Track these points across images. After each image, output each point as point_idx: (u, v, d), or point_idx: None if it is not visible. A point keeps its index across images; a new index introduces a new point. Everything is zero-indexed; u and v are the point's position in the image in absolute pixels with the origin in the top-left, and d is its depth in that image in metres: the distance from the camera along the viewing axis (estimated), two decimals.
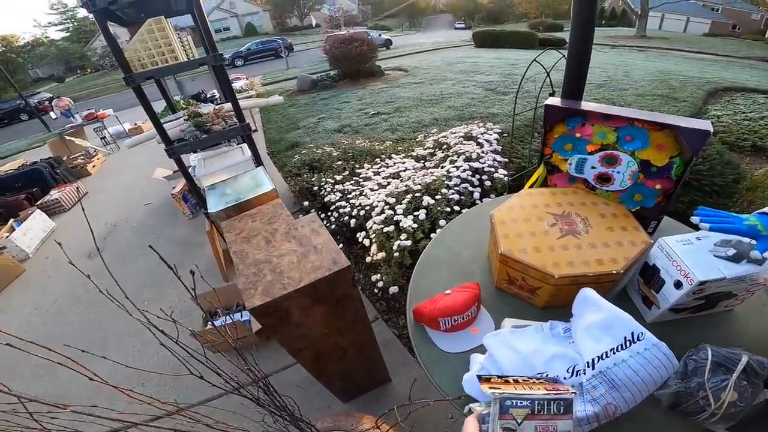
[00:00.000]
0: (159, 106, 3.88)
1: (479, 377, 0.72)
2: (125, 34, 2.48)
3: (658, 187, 1.11)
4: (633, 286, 1.06)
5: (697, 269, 0.86)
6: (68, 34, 45.34)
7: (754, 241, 0.89)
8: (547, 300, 1.06)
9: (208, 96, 3.89)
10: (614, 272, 0.94)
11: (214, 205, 1.99)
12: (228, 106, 2.57)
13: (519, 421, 0.58)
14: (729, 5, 32.26)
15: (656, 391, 0.81)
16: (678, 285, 0.90)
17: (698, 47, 17.08)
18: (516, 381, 0.68)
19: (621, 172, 1.15)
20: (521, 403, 0.60)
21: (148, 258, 3.48)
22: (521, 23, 35.61)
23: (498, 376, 0.70)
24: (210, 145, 2.63)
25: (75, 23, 45.15)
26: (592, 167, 1.20)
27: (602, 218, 1.09)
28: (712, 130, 0.98)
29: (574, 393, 0.65)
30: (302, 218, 1.42)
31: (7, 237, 3.99)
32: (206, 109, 2.63)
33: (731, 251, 0.89)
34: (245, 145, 2.75)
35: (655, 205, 1.16)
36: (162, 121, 2.32)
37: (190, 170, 2.60)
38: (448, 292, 1.12)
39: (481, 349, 1.02)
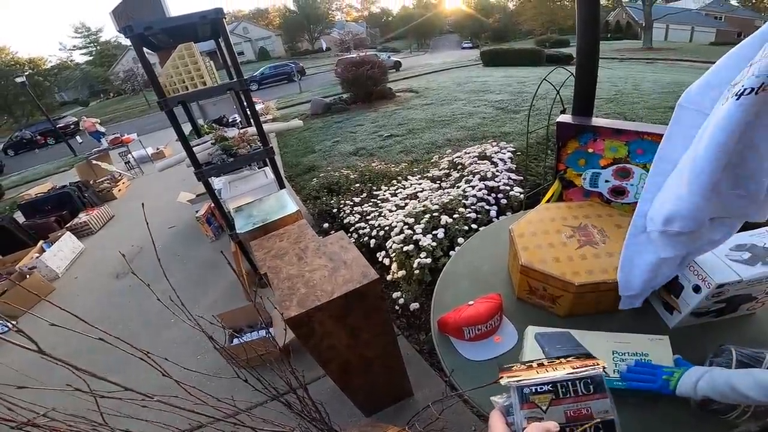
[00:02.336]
0: (184, 130, 4.09)
1: (500, 368, 0.67)
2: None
3: None
4: (654, 293, 1.10)
5: (714, 273, 0.90)
6: (91, 57, 46.54)
7: None
8: (569, 308, 1.10)
9: (230, 120, 4.07)
10: None
11: (242, 226, 2.08)
12: (252, 130, 2.70)
13: (544, 407, 0.55)
14: (731, 13, 32.32)
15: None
16: (697, 289, 0.94)
17: (706, 57, 17.05)
18: (541, 364, 0.64)
19: (634, 185, 1.21)
20: (541, 388, 0.56)
21: (174, 278, 3.59)
22: (527, 40, 36.07)
23: (522, 362, 0.66)
24: (236, 168, 2.76)
25: (98, 47, 46.49)
26: (606, 181, 1.26)
27: (618, 229, 1.15)
28: None
29: (603, 367, 0.59)
30: (331, 236, 1.50)
31: (37, 258, 4.17)
32: (231, 133, 2.76)
33: (746, 255, 0.94)
34: (268, 169, 2.86)
35: None
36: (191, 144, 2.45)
37: (215, 193, 2.72)
38: (471, 302, 1.17)
39: (505, 358, 1.07)
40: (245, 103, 2.97)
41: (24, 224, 5.26)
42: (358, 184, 4.05)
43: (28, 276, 3.92)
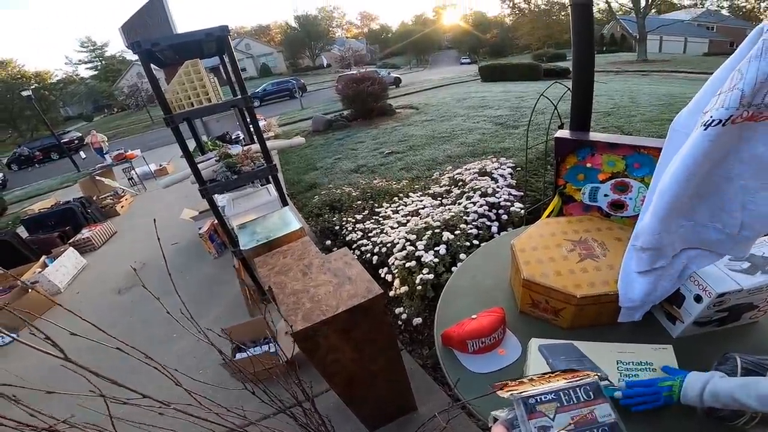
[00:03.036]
0: (193, 143, 4.15)
1: (493, 386, 0.68)
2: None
3: None
4: (656, 305, 1.11)
5: (715, 283, 0.92)
6: (96, 72, 46.39)
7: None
8: (572, 321, 1.12)
9: (233, 137, 4.13)
10: None
11: (245, 243, 2.10)
12: (255, 147, 2.74)
13: (551, 416, 0.56)
14: (722, 23, 32.90)
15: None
16: (698, 299, 0.96)
17: (700, 68, 17.28)
18: (532, 380, 0.65)
19: (633, 198, 1.23)
20: (546, 397, 0.58)
21: (180, 289, 3.61)
22: (525, 55, 36.62)
23: (512, 379, 0.67)
24: (240, 185, 2.79)
25: (103, 61, 46.43)
26: (605, 195, 1.29)
27: (618, 242, 1.17)
28: None
29: (597, 376, 0.62)
30: (334, 253, 1.52)
31: (39, 272, 4.20)
32: (235, 150, 2.81)
33: (746, 264, 0.96)
34: (271, 186, 2.90)
35: None
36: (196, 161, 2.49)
37: (219, 210, 2.75)
38: (474, 316, 1.19)
39: (509, 370, 1.08)
40: (248, 120, 3.02)
41: (27, 239, 5.28)
42: (359, 202, 4.08)
43: (30, 290, 3.93)
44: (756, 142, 0.76)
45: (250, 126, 3.39)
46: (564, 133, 1.38)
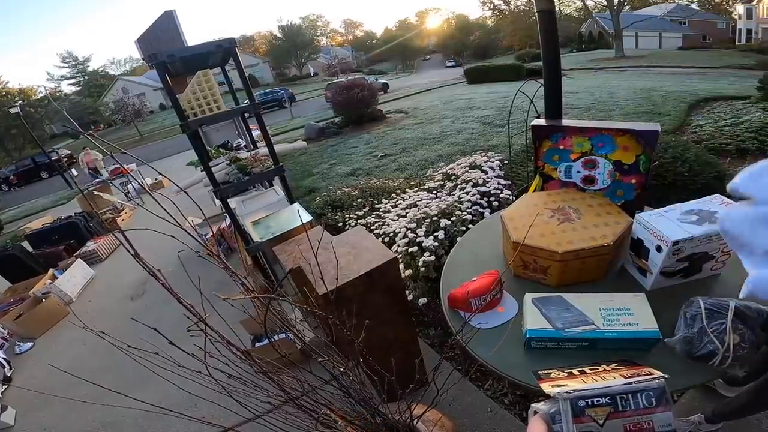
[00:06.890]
0: (190, 155, 4.29)
1: (537, 376, 0.64)
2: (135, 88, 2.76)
3: (633, 181, 1.42)
4: (629, 262, 1.30)
5: (670, 232, 1.10)
6: (79, 88, 45.59)
7: (714, 209, 1.13)
8: (559, 277, 1.31)
9: (234, 145, 4.30)
10: (605, 245, 1.21)
11: (262, 236, 2.29)
12: (263, 150, 2.94)
13: (600, 421, 0.51)
14: (693, 17, 33.86)
15: (667, 339, 0.95)
16: (659, 249, 1.14)
17: (675, 62, 17.94)
18: (582, 372, 0.60)
19: (600, 173, 1.46)
20: (599, 401, 0.52)
21: (189, 296, 3.76)
22: (508, 55, 37.25)
23: (561, 368, 0.62)
24: (251, 185, 2.97)
25: (86, 77, 45.59)
26: (578, 171, 1.51)
27: (590, 208, 1.38)
28: (659, 130, 1.29)
29: (663, 378, 0.55)
30: (349, 230, 1.72)
31: (50, 283, 4.34)
32: (244, 154, 3.00)
33: (695, 218, 1.15)
34: (277, 186, 3.09)
35: (635, 198, 1.45)
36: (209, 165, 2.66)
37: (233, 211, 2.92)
38: (474, 279, 1.38)
39: (509, 325, 1.25)
40: (248, 127, 3.19)
41: (33, 253, 5.40)
42: (360, 200, 4.27)
43: (44, 300, 4.06)
44: None
45: (252, 133, 3.59)
46: (539, 121, 1.60)
